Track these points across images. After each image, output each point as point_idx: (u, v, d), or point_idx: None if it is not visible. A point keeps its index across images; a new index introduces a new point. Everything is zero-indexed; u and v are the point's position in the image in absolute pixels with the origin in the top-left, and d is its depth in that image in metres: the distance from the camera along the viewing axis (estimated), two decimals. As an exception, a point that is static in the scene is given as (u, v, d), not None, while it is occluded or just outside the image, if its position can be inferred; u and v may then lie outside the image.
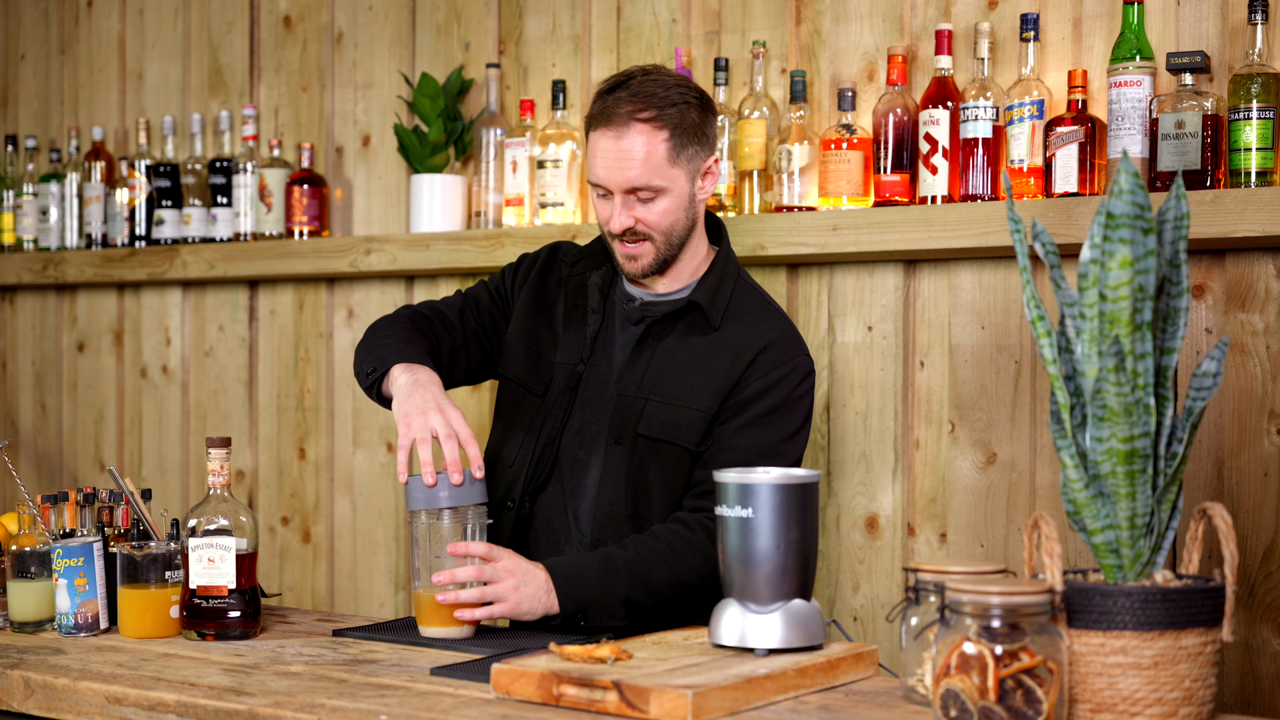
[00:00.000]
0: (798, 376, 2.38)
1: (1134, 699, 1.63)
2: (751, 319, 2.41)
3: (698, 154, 2.37)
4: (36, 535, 2.32)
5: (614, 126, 2.33)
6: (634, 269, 2.40)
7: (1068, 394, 1.71)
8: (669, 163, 2.33)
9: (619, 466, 2.37)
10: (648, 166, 2.32)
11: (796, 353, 2.40)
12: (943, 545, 2.84)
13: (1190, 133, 2.49)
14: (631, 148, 2.32)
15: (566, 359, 2.45)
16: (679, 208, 2.37)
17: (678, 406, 2.35)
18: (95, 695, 1.94)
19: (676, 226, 2.38)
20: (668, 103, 2.33)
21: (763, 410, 2.34)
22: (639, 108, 2.32)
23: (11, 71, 4.30)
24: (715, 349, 2.38)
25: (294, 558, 3.73)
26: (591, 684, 1.75)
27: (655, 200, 2.34)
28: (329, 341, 3.67)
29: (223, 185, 3.69)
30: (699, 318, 2.41)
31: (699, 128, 2.37)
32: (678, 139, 2.33)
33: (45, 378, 4.20)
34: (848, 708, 1.77)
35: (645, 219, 2.35)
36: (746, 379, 2.35)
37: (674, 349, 2.39)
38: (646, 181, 2.32)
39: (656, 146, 2.32)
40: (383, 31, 3.59)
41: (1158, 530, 1.71)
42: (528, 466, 2.43)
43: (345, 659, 2.07)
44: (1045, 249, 1.76)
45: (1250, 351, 2.56)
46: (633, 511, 2.36)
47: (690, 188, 2.38)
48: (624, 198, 2.34)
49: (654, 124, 2.32)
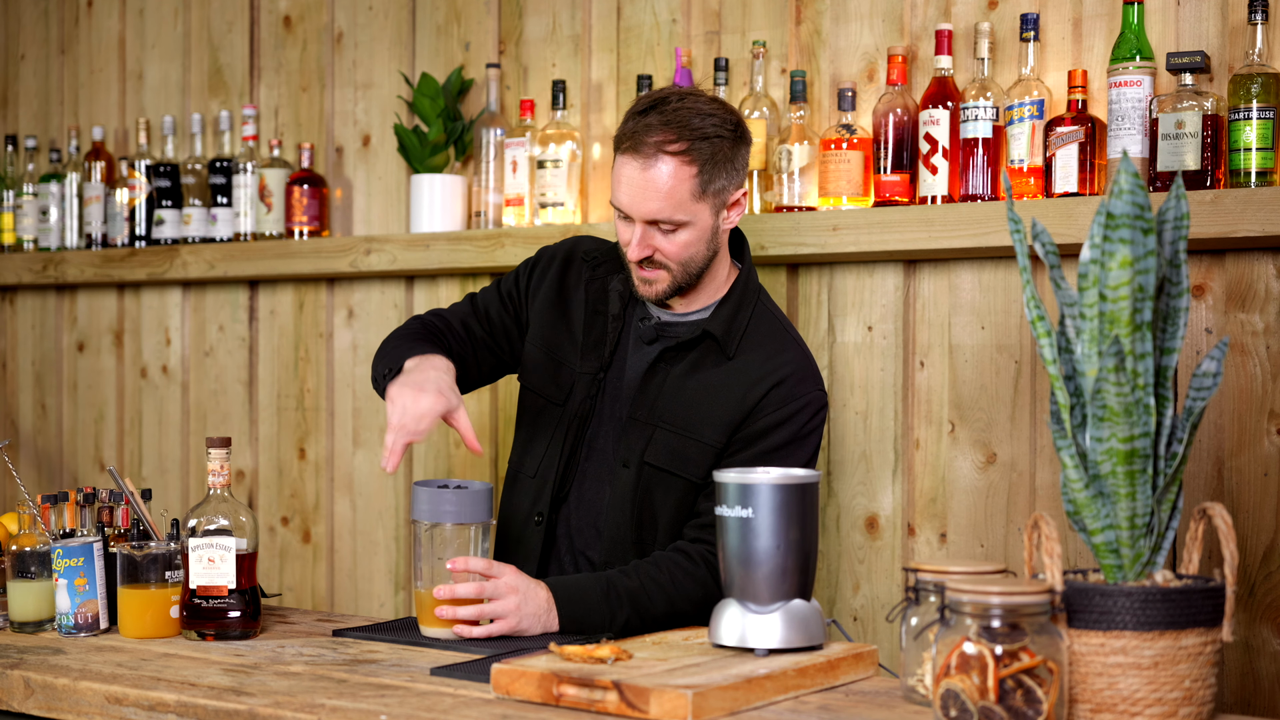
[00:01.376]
0: (809, 412, 2.35)
1: (1134, 699, 1.63)
2: (766, 349, 2.37)
3: (726, 187, 2.31)
4: (36, 535, 2.32)
5: (641, 156, 2.26)
6: (649, 293, 2.36)
7: (1068, 394, 1.71)
8: (694, 198, 2.27)
9: (625, 491, 2.36)
10: (671, 201, 2.26)
11: (811, 388, 2.36)
12: (943, 545, 2.84)
13: (1190, 133, 2.49)
14: (656, 180, 2.25)
15: (587, 368, 2.43)
16: (700, 240, 2.32)
17: (686, 438, 2.33)
18: (95, 695, 1.94)
19: (696, 258, 2.33)
20: (700, 135, 2.26)
21: (772, 446, 2.32)
22: (669, 138, 2.25)
23: (11, 71, 4.30)
24: (728, 380, 2.34)
25: (294, 558, 3.73)
26: (591, 684, 1.75)
27: (676, 232, 2.30)
28: (329, 341, 3.67)
29: (223, 185, 3.69)
30: (713, 346, 2.37)
31: (730, 161, 2.30)
32: (706, 174, 2.27)
33: (45, 378, 4.20)
34: (848, 708, 1.77)
35: (664, 249, 2.31)
36: (758, 413, 2.33)
37: (686, 377, 2.36)
38: (669, 216, 2.27)
39: (683, 182, 2.26)
40: (383, 31, 3.59)
41: (1158, 530, 1.71)
42: (553, 478, 2.42)
43: (345, 659, 2.07)
44: (1045, 249, 1.76)
45: (1250, 351, 2.56)
46: (637, 537, 2.36)
47: (714, 220, 2.33)
48: (644, 228, 2.29)
49: (683, 158, 2.25)
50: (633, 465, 2.36)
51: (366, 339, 3.60)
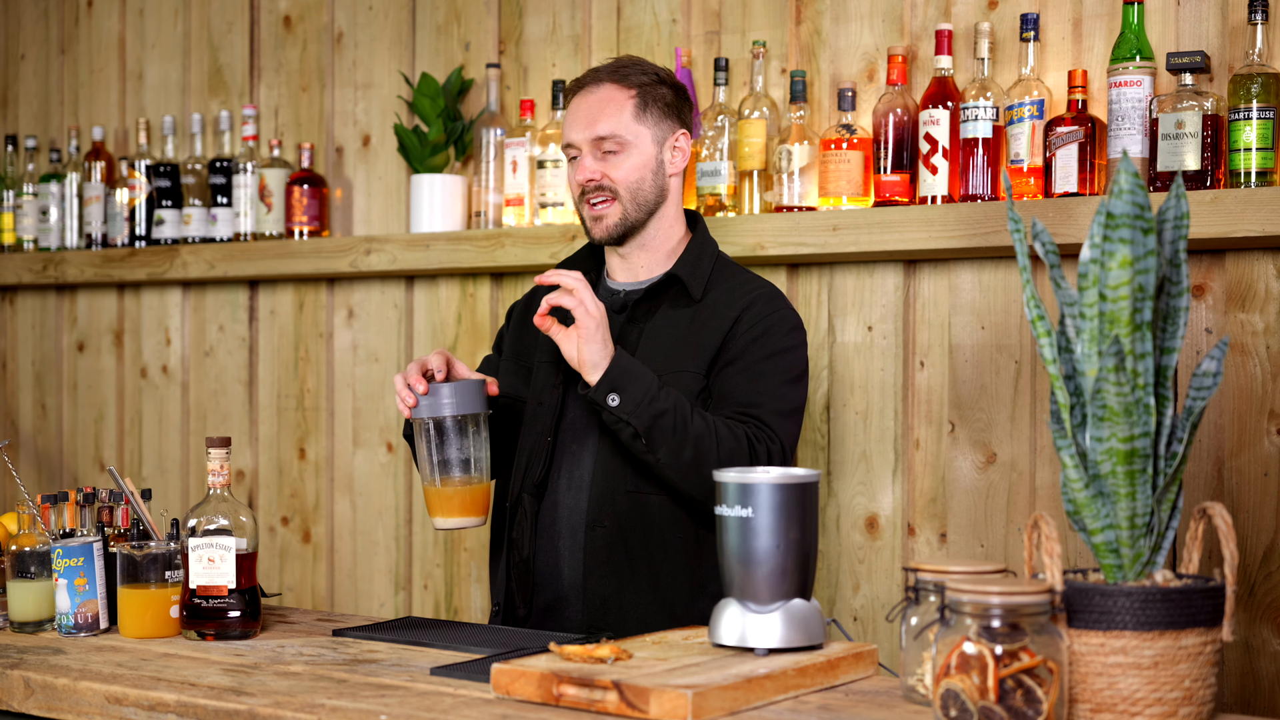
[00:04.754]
0: (785, 326, 2.42)
1: (1134, 699, 1.63)
2: (732, 284, 2.46)
3: (663, 121, 2.48)
4: (36, 535, 2.32)
5: (586, 87, 2.49)
6: (600, 231, 2.46)
7: (1068, 394, 1.71)
8: (634, 119, 2.45)
9: (614, 446, 2.37)
10: (614, 119, 2.44)
11: (780, 305, 2.45)
12: (943, 545, 2.84)
13: (1190, 133, 2.49)
14: (598, 99, 2.46)
15: (546, 358, 2.48)
16: (645, 167, 2.45)
17: (669, 375, 2.38)
18: (95, 695, 1.94)
19: (643, 187, 2.45)
20: (639, 71, 2.48)
21: (757, 357, 2.38)
22: (611, 75, 2.48)
23: (11, 71, 4.30)
24: (700, 316, 2.43)
25: (294, 558, 3.73)
26: (591, 684, 1.75)
27: (620, 154, 2.44)
28: (329, 341, 3.67)
29: (223, 185, 3.69)
30: (681, 292, 2.46)
31: (667, 101, 2.48)
32: (642, 100, 2.46)
33: (45, 378, 4.20)
34: (848, 708, 1.77)
35: (610, 174, 2.44)
36: (734, 334, 2.40)
37: (659, 325, 2.44)
38: (610, 130, 2.43)
39: (623, 103, 2.45)
40: (383, 31, 3.59)
41: (1158, 530, 1.71)
42: (524, 462, 2.45)
43: (345, 659, 2.07)
44: (1045, 249, 1.76)
45: (1250, 351, 2.56)
46: (634, 486, 2.37)
47: (657, 152, 2.47)
48: (591, 149, 2.45)
49: (621, 84, 2.46)
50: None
51: (366, 339, 3.61)
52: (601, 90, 2.46)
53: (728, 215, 2.94)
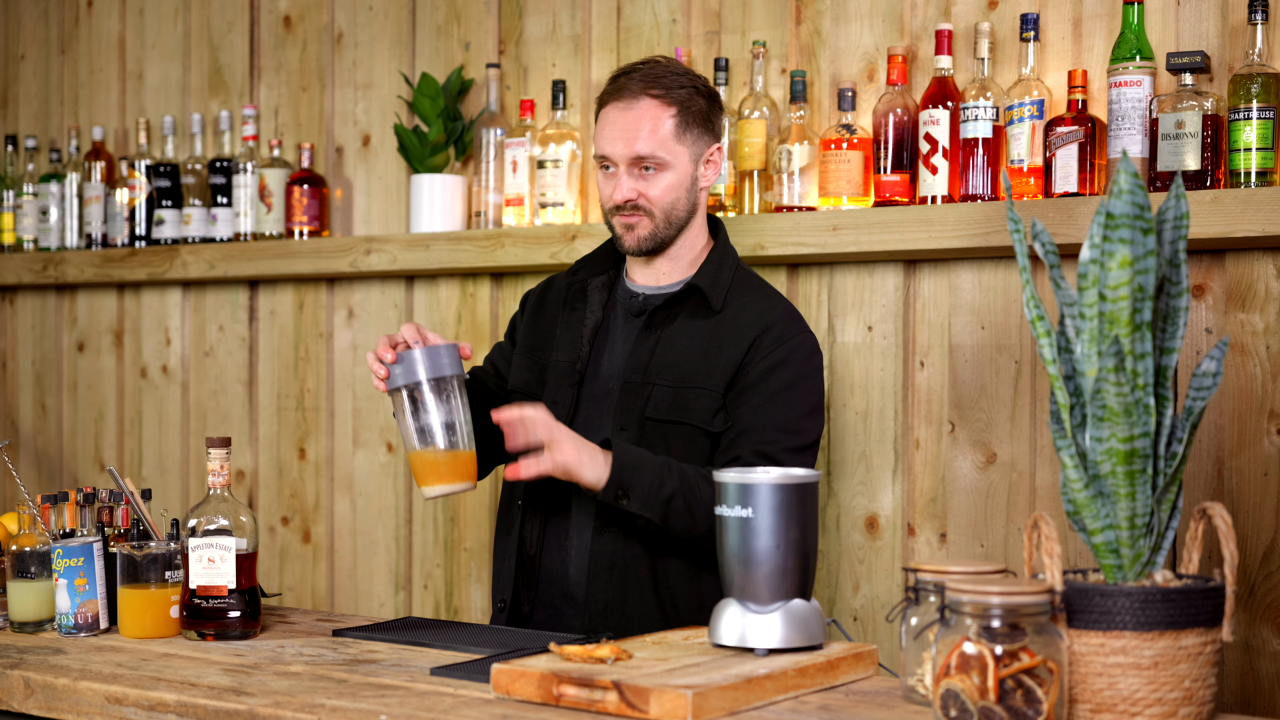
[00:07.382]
0: (804, 353, 2.41)
1: (1134, 699, 1.63)
2: (752, 299, 2.44)
3: (701, 138, 2.44)
4: (36, 535, 2.32)
5: (624, 99, 2.41)
6: (631, 240, 2.43)
7: (1068, 394, 1.71)
8: (674, 138, 2.40)
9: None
10: (654, 138, 2.39)
11: (799, 330, 2.43)
12: (943, 545, 2.84)
13: (1190, 133, 2.49)
14: (640, 118, 2.40)
15: (563, 356, 2.48)
16: (680, 186, 2.42)
17: (684, 389, 2.37)
18: (95, 695, 1.94)
19: (677, 206, 2.43)
20: (676, 85, 2.42)
21: (776, 388, 2.36)
22: (649, 85, 2.41)
23: (11, 71, 4.30)
24: (718, 330, 2.41)
25: (294, 558, 3.73)
26: (591, 684, 1.75)
27: (658, 174, 2.40)
28: (329, 341, 3.67)
29: (223, 185, 3.69)
30: (700, 302, 2.44)
31: (705, 114, 2.44)
32: (683, 118, 2.41)
33: (45, 378, 4.20)
34: (848, 708, 1.77)
35: (647, 193, 2.41)
36: (752, 358, 2.38)
37: (677, 334, 2.42)
38: (651, 152, 2.39)
39: (663, 121, 2.40)
40: (383, 31, 3.59)
41: (1158, 530, 1.71)
42: None
43: (345, 659, 2.07)
44: (1045, 249, 1.76)
45: (1250, 351, 2.56)
46: None
47: (693, 170, 2.44)
48: (628, 168, 2.41)
49: (662, 100, 2.40)
50: (631, 426, 2.38)
51: (366, 339, 3.61)
52: (641, 106, 2.40)
53: (728, 215, 2.94)
